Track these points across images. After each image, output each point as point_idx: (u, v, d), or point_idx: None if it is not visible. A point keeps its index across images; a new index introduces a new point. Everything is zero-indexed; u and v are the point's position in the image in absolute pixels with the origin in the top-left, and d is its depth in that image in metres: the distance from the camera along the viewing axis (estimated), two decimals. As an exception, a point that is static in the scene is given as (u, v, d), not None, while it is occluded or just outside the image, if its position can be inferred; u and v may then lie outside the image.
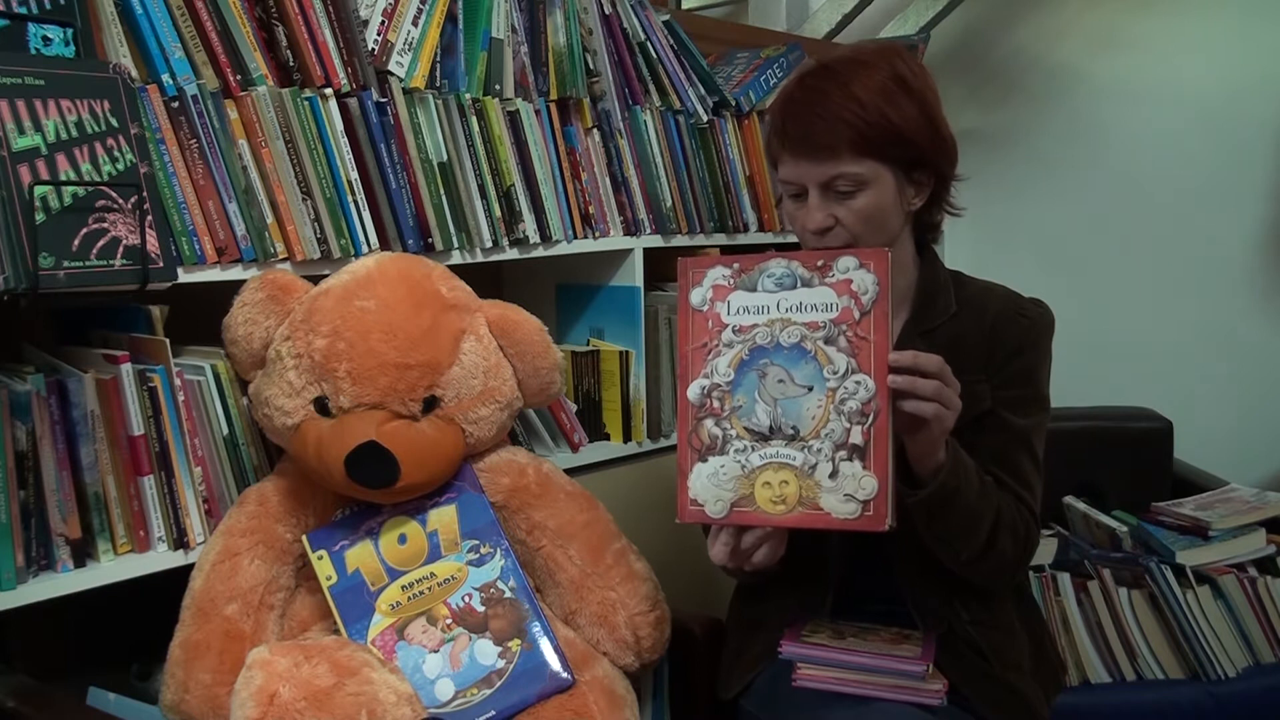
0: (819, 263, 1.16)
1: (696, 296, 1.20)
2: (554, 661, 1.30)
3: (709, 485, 1.16)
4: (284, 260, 1.43)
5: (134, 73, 1.30)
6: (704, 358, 1.19)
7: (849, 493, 1.11)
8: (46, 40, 1.23)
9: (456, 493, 1.37)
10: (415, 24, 1.60)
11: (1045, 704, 1.36)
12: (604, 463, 1.88)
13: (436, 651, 1.28)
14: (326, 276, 1.38)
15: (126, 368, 1.27)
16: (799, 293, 1.17)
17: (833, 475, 1.12)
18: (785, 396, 1.15)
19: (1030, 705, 1.32)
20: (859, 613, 1.34)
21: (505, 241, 1.72)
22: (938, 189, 1.34)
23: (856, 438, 1.12)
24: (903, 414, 1.13)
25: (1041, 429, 1.35)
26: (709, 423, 1.17)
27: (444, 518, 1.36)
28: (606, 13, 1.92)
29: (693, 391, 1.18)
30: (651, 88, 2.01)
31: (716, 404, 1.17)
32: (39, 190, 1.15)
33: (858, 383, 1.12)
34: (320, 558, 1.31)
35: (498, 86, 1.73)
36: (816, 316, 1.16)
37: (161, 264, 1.26)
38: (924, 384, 1.12)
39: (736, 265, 1.20)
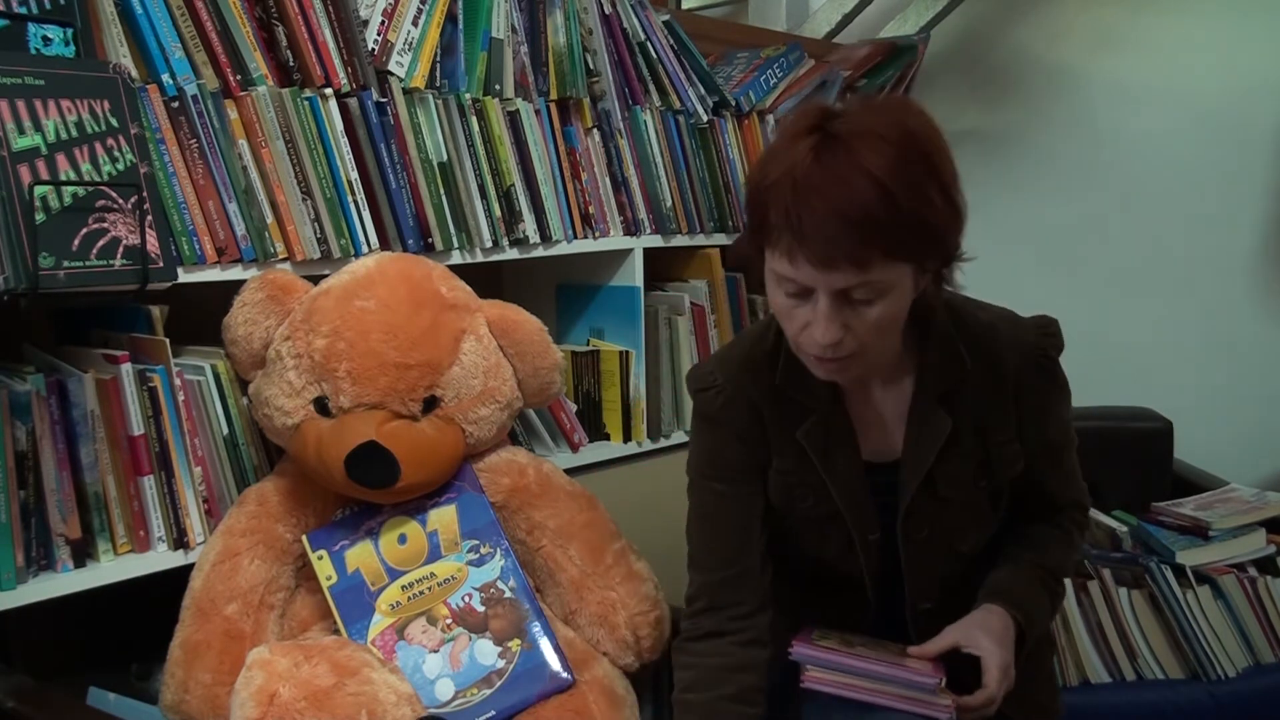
0: None
1: None
2: (554, 661, 1.30)
3: None
4: (284, 260, 1.43)
5: (134, 73, 1.30)
6: None
7: None
8: (46, 40, 1.23)
9: (456, 493, 1.37)
10: (415, 24, 1.60)
11: None
12: (604, 463, 1.88)
13: (436, 651, 1.28)
14: (326, 276, 1.38)
15: (126, 368, 1.27)
16: None
17: None
18: None
19: None
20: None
21: (505, 241, 1.72)
22: (942, 270, 1.15)
23: None
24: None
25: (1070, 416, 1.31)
26: None
27: (444, 518, 1.36)
28: (606, 13, 1.92)
29: None
30: (651, 88, 2.01)
31: None
32: (39, 190, 1.15)
33: None
34: (320, 558, 1.31)
35: (498, 86, 1.73)
36: None
37: (161, 264, 1.26)
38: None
39: None
